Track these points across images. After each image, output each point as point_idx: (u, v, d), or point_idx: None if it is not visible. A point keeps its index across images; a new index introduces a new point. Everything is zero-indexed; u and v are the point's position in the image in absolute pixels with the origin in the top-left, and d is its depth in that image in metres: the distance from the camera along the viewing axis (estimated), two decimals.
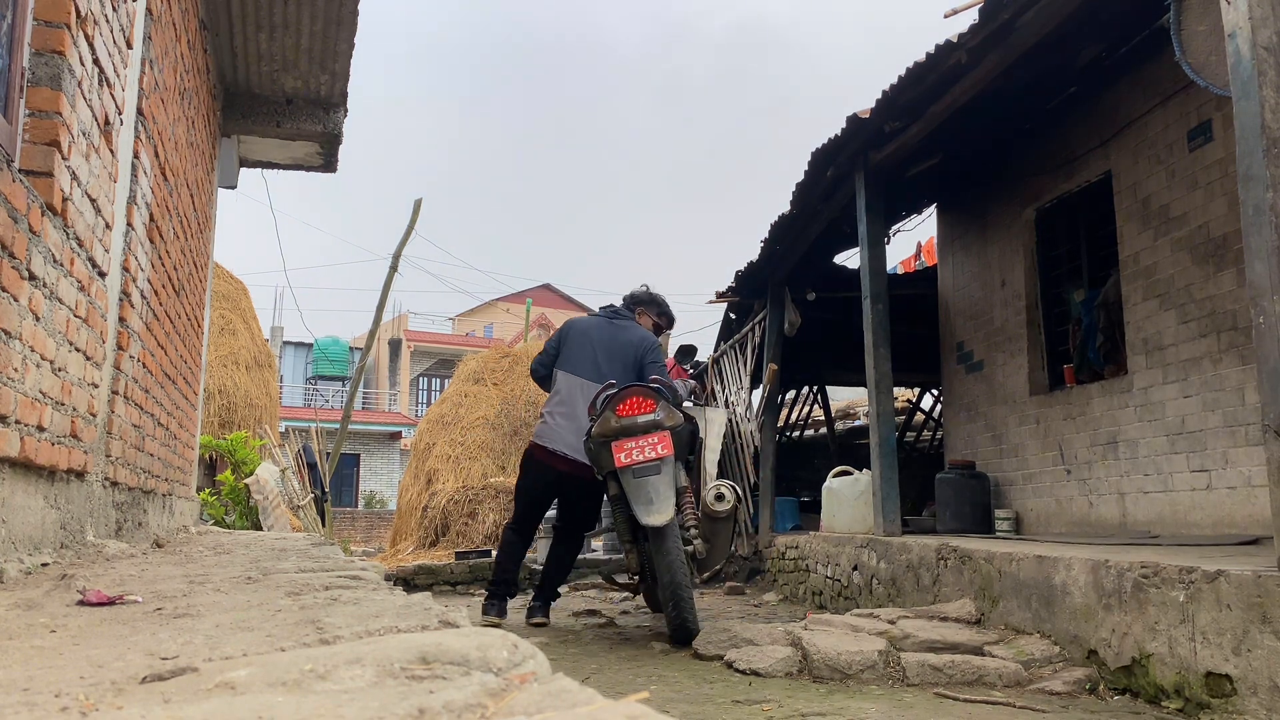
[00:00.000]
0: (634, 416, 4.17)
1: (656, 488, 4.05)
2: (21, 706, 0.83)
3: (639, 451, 4.11)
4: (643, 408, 4.19)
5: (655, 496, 4.03)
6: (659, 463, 4.09)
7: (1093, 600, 3.41)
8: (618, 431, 4.15)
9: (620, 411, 4.19)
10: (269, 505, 8.97)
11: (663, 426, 4.16)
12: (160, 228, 3.68)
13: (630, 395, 4.24)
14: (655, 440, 4.11)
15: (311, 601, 1.59)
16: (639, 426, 4.14)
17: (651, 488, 4.05)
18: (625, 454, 4.10)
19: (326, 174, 6.67)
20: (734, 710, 2.96)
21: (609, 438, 4.17)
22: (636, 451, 4.10)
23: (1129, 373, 5.96)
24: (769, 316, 8.61)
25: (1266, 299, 2.83)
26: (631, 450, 4.11)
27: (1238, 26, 3.00)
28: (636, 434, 4.13)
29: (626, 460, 4.09)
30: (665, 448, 4.11)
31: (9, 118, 2.04)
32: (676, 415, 4.27)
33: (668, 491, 4.05)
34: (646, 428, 4.14)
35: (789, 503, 9.21)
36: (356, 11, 4.86)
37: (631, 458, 4.10)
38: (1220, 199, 5.25)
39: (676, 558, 4.03)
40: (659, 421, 4.17)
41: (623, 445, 4.12)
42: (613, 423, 4.17)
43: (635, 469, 4.09)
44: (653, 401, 4.21)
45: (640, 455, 4.10)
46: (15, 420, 1.95)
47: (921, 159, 6.71)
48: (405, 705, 0.75)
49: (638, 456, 4.10)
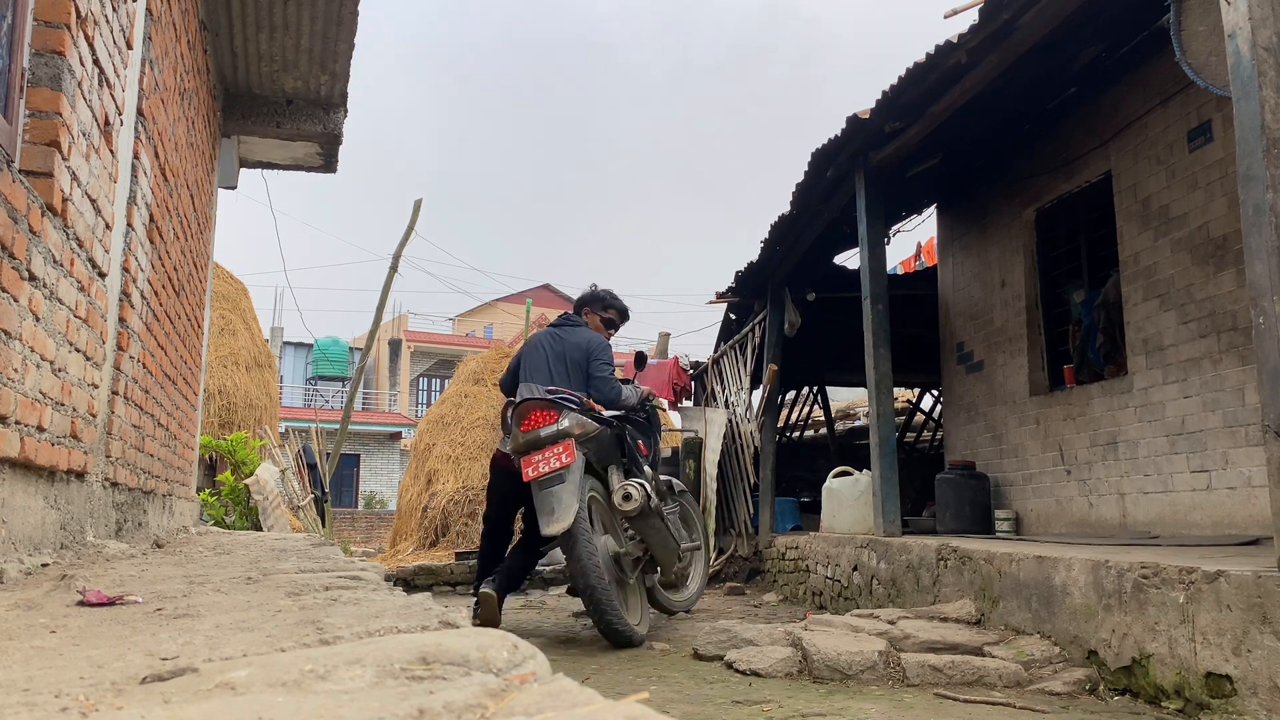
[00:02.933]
0: (537, 430, 4.26)
1: (559, 497, 4.09)
2: (21, 707, 0.83)
3: (545, 464, 4.17)
4: (544, 419, 4.27)
5: (556, 505, 4.08)
6: (562, 472, 4.14)
7: (1093, 601, 3.41)
8: (525, 446, 4.25)
9: (524, 427, 4.29)
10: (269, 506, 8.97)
11: (569, 434, 4.22)
12: (160, 228, 3.68)
13: (530, 410, 4.33)
14: (560, 450, 4.17)
15: (311, 602, 1.59)
16: (542, 440, 4.23)
17: (554, 498, 4.10)
18: (532, 468, 4.19)
19: (326, 174, 6.67)
20: (734, 710, 2.96)
21: (519, 453, 4.29)
22: (543, 464, 4.18)
23: (1129, 373, 5.95)
24: (769, 317, 8.61)
25: (1266, 299, 2.83)
26: (538, 463, 4.18)
27: (1238, 27, 3.00)
28: (542, 446, 4.22)
29: (533, 474, 4.18)
30: (568, 456, 4.15)
31: (9, 118, 2.04)
32: (587, 423, 4.32)
33: (570, 500, 4.08)
34: (551, 439, 4.22)
35: (789, 503, 9.20)
36: (356, 12, 4.86)
37: (538, 470, 4.17)
38: (1220, 199, 5.25)
39: (588, 562, 4.04)
40: (565, 430, 4.23)
41: (530, 459, 4.21)
42: (520, 439, 4.28)
43: (540, 480, 4.16)
44: (554, 413, 4.29)
45: (546, 467, 4.17)
46: (15, 421, 1.94)
47: (922, 159, 6.71)
48: (405, 706, 0.75)
49: (544, 469, 4.17)
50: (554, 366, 4.78)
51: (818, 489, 7.82)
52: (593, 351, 4.80)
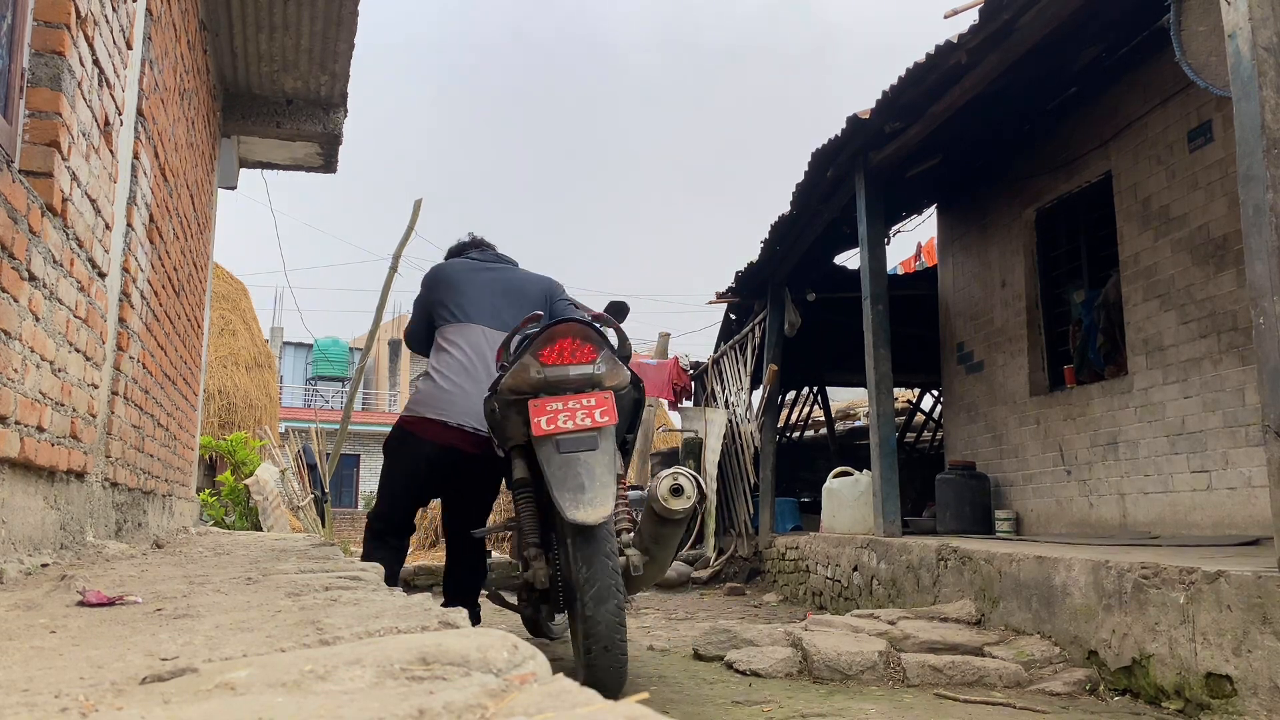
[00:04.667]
0: (564, 366, 2.91)
1: (590, 469, 2.77)
2: (21, 707, 0.83)
3: (567, 416, 2.83)
4: (579, 354, 2.93)
5: (589, 481, 2.75)
6: (595, 434, 2.82)
7: (1093, 601, 3.41)
8: (539, 385, 2.89)
9: (546, 357, 2.91)
10: (269, 506, 8.97)
11: (603, 385, 2.93)
12: (160, 228, 3.68)
13: (563, 335, 2.93)
14: (592, 403, 2.85)
15: (311, 602, 1.59)
16: (570, 381, 2.89)
17: (584, 468, 2.77)
18: (547, 418, 2.82)
19: (326, 174, 6.67)
20: (734, 711, 2.96)
21: (524, 394, 2.91)
22: (565, 416, 2.83)
23: (1129, 373, 5.95)
24: (769, 317, 8.61)
25: (1266, 299, 2.83)
26: (557, 413, 2.83)
27: (1238, 27, 3.00)
28: (566, 391, 2.89)
29: (549, 427, 2.81)
30: (607, 415, 2.85)
31: (9, 118, 2.04)
32: (622, 372, 3.02)
33: (606, 476, 2.79)
34: (581, 383, 2.90)
35: (789, 503, 9.21)
36: (356, 12, 4.87)
37: (556, 424, 2.82)
38: (1220, 199, 5.25)
39: (609, 580, 2.71)
40: (598, 377, 2.92)
41: (544, 406, 2.84)
42: (533, 372, 2.89)
43: (561, 439, 2.81)
44: (592, 347, 2.95)
45: (569, 421, 2.82)
46: (15, 421, 1.94)
47: (922, 159, 6.71)
48: (405, 706, 0.75)
49: (565, 423, 2.82)
50: (500, 301, 3.51)
51: (818, 489, 7.82)
52: (556, 288, 3.66)
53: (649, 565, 3.06)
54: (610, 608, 2.67)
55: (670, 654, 4.13)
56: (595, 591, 2.69)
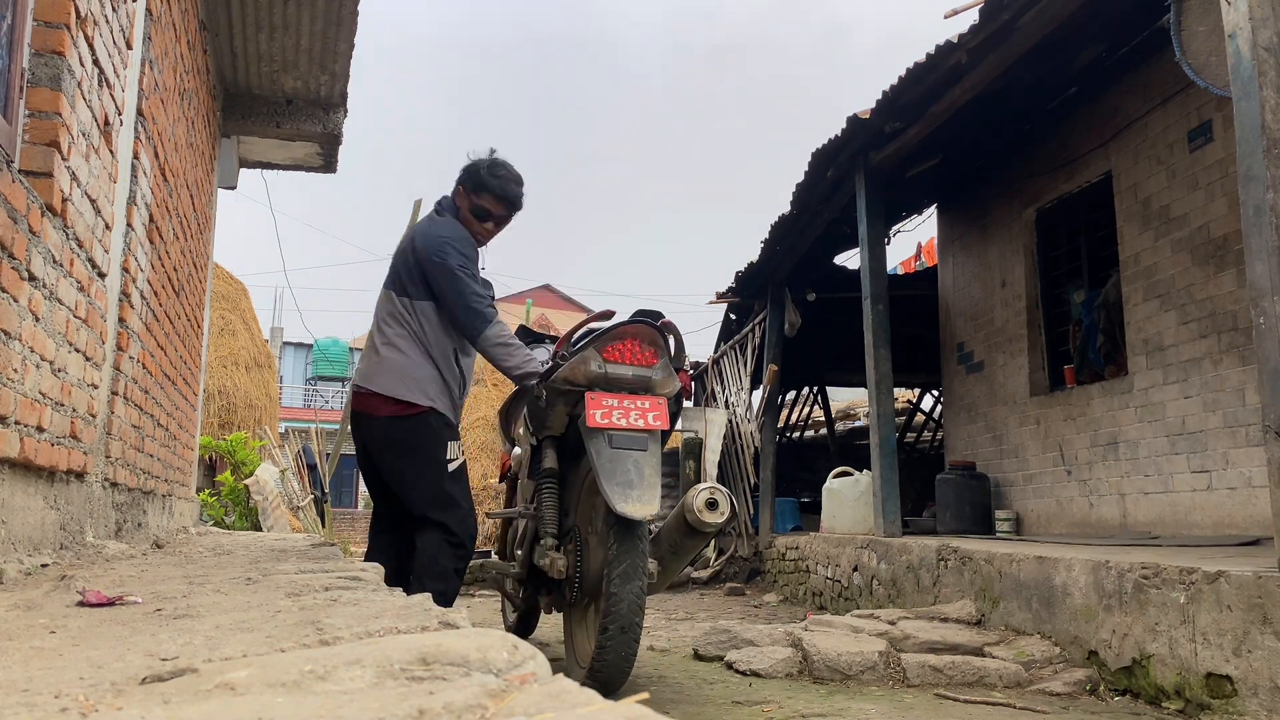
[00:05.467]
0: (626, 365, 2.98)
1: (640, 468, 2.85)
2: (21, 707, 0.83)
3: (622, 414, 2.88)
4: (642, 356, 3.00)
5: (638, 479, 2.83)
6: (646, 436, 2.90)
7: (1093, 601, 3.41)
8: (596, 379, 2.95)
9: (609, 354, 2.97)
10: (269, 506, 8.97)
11: (656, 391, 3.02)
12: (160, 228, 3.68)
13: (630, 335, 3.00)
14: (648, 405, 2.93)
15: (311, 602, 1.59)
16: (628, 381, 2.97)
17: (634, 465, 2.85)
18: (603, 411, 2.88)
19: (326, 174, 6.67)
20: (734, 711, 2.96)
21: (578, 386, 2.96)
22: (620, 414, 2.88)
23: (1129, 373, 5.95)
24: (769, 317, 8.61)
25: (1267, 299, 2.83)
26: (612, 410, 2.88)
27: (1238, 27, 3.00)
28: (621, 390, 2.96)
29: (604, 421, 2.87)
30: (660, 419, 2.93)
31: (9, 118, 2.03)
32: (674, 381, 3.08)
33: (654, 478, 2.88)
34: (636, 385, 2.98)
35: (789, 503, 9.21)
36: (356, 12, 4.87)
37: (610, 419, 2.87)
38: (1220, 199, 5.25)
39: (638, 562, 2.83)
40: (655, 383, 3.01)
41: (600, 400, 2.90)
42: (593, 365, 2.95)
43: (614, 434, 2.87)
44: (655, 351, 3.02)
45: (625, 420, 2.88)
46: (15, 421, 1.94)
47: (922, 159, 6.71)
48: (405, 706, 0.75)
49: (621, 421, 2.87)
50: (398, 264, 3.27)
51: (818, 489, 7.82)
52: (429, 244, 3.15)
53: (660, 574, 3.08)
54: (635, 588, 2.79)
55: (670, 654, 4.13)
56: (623, 569, 2.79)
